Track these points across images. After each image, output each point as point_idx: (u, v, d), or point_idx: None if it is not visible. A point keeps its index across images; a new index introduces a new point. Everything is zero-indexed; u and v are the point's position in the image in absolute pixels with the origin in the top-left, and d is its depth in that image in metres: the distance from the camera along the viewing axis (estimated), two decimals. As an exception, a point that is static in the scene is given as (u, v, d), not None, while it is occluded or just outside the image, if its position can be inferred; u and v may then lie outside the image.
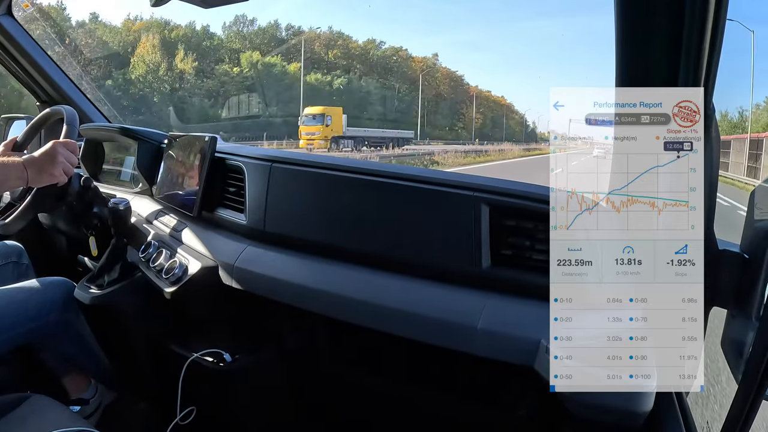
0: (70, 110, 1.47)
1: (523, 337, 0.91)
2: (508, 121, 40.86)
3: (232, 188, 1.42)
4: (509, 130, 40.15)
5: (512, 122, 40.97)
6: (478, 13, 44.80)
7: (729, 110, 9.23)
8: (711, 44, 0.75)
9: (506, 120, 40.54)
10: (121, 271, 1.53)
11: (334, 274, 1.15)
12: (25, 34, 2.08)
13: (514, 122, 41.17)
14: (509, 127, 40.46)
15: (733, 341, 0.88)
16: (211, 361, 1.34)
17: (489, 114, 40.27)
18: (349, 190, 1.18)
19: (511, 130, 40.17)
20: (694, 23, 0.74)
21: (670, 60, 0.78)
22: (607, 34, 0.86)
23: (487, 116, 40.31)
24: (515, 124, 41.05)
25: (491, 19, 43.72)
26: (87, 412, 1.54)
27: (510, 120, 41.05)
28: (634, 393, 0.79)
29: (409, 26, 47.64)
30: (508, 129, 40.49)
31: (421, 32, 46.66)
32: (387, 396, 1.34)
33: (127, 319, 1.51)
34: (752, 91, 9.30)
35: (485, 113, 40.01)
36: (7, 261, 1.65)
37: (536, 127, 40.82)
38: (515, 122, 41.15)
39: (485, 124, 39.60)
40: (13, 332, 1.37)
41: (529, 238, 1.00)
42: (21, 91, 2.33)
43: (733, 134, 9.23)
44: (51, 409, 1.11)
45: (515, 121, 41.17)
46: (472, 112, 38.26)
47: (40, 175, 1.29)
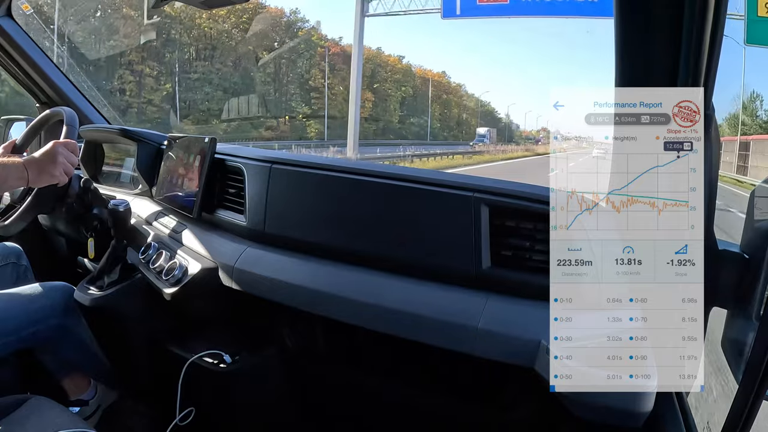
0: (69, 111, 1.47)
1: (523, 338, 0.91)
2: (462, 112, 37.32)
3: (232, 189, 1.42)
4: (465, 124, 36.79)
5: (468, 113, 37.63)
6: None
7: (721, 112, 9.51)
8: (711, 44, 0.76)
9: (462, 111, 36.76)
10: (120, 273, 1.53)
11: (334, 275, 1.15)
12: (25, 35, 2.08)
13: (469, 113, 37.76)
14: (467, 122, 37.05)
15: (733, 341, 0.88)
16: (211, 363, 1.34)
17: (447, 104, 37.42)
18: (349, 191, 1.18)
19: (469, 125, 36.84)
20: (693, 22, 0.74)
21: (670, 60, 0.79)
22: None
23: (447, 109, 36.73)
24: (471, 115, 37.67)
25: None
26: (87, 413, 1.54)
27: (466, 111, 37.64)
28: (634, 393, 0.79)
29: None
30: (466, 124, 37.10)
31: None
32: (387, 397, 1.34)
33: (126, 320, 1.51)
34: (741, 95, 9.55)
35: (444, 104, 37.11)
36: (7, 262, 1.65)
37: (512, 123, 37.79)
38: (470, 113, 37.73)
39: (445, 117, 37.16)
40: (13, 336, 1.37)
41: (529, 239, 1.00)
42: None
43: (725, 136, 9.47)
44: (51, 411, 1.11)
45: (470, 111, 37.83)
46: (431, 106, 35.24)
47: (41, 176, 1.28)
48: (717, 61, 0.77)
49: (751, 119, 14.24)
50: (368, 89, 32.11)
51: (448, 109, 37.34)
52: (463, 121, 37.69)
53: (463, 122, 37.74)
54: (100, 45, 23.79)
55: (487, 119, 38.37)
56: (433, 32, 42.42)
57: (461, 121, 37.76)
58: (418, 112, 35.72)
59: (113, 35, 24.12)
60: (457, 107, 37.75)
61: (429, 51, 49.36)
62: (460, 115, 37.77)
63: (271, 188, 1.29)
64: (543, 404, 1.07)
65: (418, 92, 35.98)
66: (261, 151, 1.42)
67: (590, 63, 41.19)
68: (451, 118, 37.52)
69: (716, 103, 0.80)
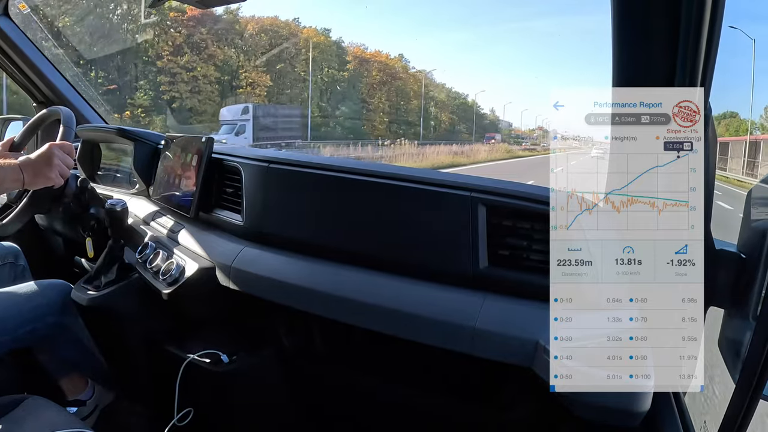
0: (66, 111, 1.46)
1: (520, 338, 0.91)
2: (431, 105, 31.67)
3: (229, 189, 1.42)
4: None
5: (438, 107, 32.24)
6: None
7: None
8: (708, 43, 0.76)
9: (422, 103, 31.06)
10: (118, 273, 1.52)
11: (331, 274, 1.15)
12: (22, 34, 2.08)
13: (440, 106, 32.42)
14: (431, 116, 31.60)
15: (730, 341, 0.88)
16: (209, 363, 1.34)
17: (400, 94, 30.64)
18: (347, 191, 1.18)
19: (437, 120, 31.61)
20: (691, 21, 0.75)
21: (667, 59, 0.79)
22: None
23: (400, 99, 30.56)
24: (441, 108, 32.28)
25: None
26: (84, 413, 1.53)
27: (436, 104, 32.11)
28: (632, 393, 0.79)
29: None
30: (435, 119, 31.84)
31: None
32: (385, 397, 1.34)
33: (124, 320, 1.51)
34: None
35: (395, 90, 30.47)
36: (4, 262, 1.65)
37: (501, 121, 34.19)
38: (441, 106, 32.35)
39: (399, 110, 30.65)
40: (10, 335, 1.37)
41: (527, 239, 1.00)
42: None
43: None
44: (48, 411, 1.11)
45: (441, 104, 32.46)
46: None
47: (36, 178, 1.28)
48: (714, 60, 0.78)
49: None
50: (263, 69, 26.18)
51: (404, 99, 31.20)
52: (430, 116, 32.49)
53: (430, 117, 32.51)
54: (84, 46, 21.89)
55: (466, 115, 34.27)
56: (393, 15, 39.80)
57: (427, 115, 32.36)
58: (354, 102, 29.16)
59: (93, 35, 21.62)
60: (418, 98, 31.94)
61: (388, 35, 43.45)
62: (427, 108, 32.27)
63: (269, 188, 1.29)
64: (541, 404, 1.07)
65: (358, 77, 29.87)
66: (258, 151, 1.42)
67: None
68: (410, 111, 31.36)
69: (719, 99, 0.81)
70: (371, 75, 30.16)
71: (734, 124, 11.84)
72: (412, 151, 25.28)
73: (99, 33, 21.32)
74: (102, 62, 22.26)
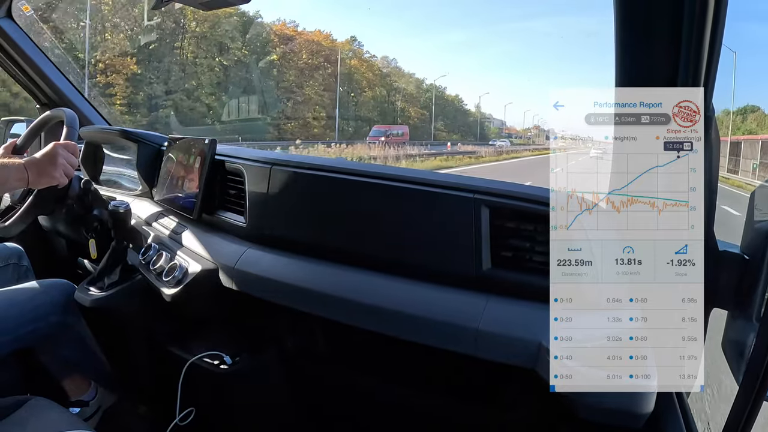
0: (70, 113, 1.47)
1: (524, 339, 0.91)
2: (396, 98, 27.25)
3: (232, 191, 1.42)
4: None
5: (406, 101, 28.19)
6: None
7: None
8: (711, 43, 0.76)
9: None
10: (121, 274, 1.53)
11: (334, 276, 1.15)
12: (25, 36, 2.08)
13: (408, 100, 28.31)
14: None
15: (733, 342, 0.88)
16: (212, 364, 1.34)
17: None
18: (350, 192, 1.18)
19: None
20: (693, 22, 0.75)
21: (670, 60, 0.79)
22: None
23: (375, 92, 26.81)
24: (409, 102, 28.14)
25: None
26: (87, 414, 1.54)
27: (402, 96, 28.02)
28: (635, 394, 0.79)
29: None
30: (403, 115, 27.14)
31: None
32: (388, 398, 1.33)
33: (127, 321, 1.51)
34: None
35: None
36: (7, 263, 1.65)
37: (489, 119, 31.42)
38: (410, 99, 28.21)
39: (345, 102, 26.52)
40: (13, 334, 1.37)
41: (530, 240, 1.00)
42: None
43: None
44: (51, 412, 1.11)
45: (410, 98, 28.18)
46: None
47: (41, 177, 1.29)
48: (717, 61, 0.78)
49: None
50: (125, 50, 20.41)
51: (355, 90, 27.51)
52: (388, 110, 28.52)
53: (387, 111, 28.53)
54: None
55: (445, 111, 30.63)
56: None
57: (386, 110, 28.49)
58: (270, 93, 24.34)
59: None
60: (371, 89, 28.23)
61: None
62: (388, 99, 28.31)
63: (271, 189, 1.29)
64: (544, 405, 1.07)
65: (286, 62, 24.95)
66: (261, 152, 1.42)
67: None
68: (363, 104, 27.63)
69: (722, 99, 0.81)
70: (300, 59, 25.45)
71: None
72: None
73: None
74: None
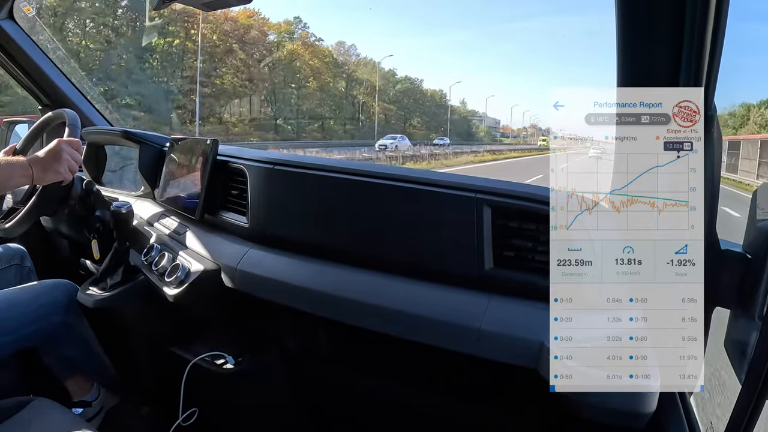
0: (72, 113, 1.47)
1: (526, 339, 0.90)
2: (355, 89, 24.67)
3: (234, 191, 1.42)
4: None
5: (365, 93, 25.41)
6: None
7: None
8: (712, 44, 0.75)
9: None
10: (123, 274, 1.53)
11: (336, 276, 1.15)
12: (27, 37, 2.08)
13: (368, 92, 25.60)
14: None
15: (736, 341, 0.88)
16: (214, 364, 1.34)
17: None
18: (352, 192, 1.18)
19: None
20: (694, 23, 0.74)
21: (671, 60, 0.79)
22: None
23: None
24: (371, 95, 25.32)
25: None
26: (89, 414, 1.54)
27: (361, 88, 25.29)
28: (637, 393, 0.79)
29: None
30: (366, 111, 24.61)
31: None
32: (390, 398, 1.33)
33: (129, 322, 1.52)
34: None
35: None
36: (10, 264, 1.66)
37: (478, 117, 29.53)
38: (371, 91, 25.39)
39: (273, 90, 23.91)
40: (15, 335, 1.37)
41: (532, 240, 1.00)
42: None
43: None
44: (53, 413, 1.12)
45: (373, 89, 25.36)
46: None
47: (45, 173, 1.29)
48: (719, 61, 0.77)
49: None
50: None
51: (296, 80, 25.21)
52: (345, 105, 26.92)
53: (344, 106, 26.90)
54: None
55: (423, 107, 28.15)
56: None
57: (342, 104, 26.72)
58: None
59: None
60: (317, 78, 26.04)
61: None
62: (347, 93, 25.74)
63: (274, 189, 1.29)
64: (545, 405, 1.07)
65: (186, 40, 21.72)
66: (263, 153, 1.42)
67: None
68: (308, 97, 25.59)
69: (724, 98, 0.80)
70: (213, 41, 21.52)
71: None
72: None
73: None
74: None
